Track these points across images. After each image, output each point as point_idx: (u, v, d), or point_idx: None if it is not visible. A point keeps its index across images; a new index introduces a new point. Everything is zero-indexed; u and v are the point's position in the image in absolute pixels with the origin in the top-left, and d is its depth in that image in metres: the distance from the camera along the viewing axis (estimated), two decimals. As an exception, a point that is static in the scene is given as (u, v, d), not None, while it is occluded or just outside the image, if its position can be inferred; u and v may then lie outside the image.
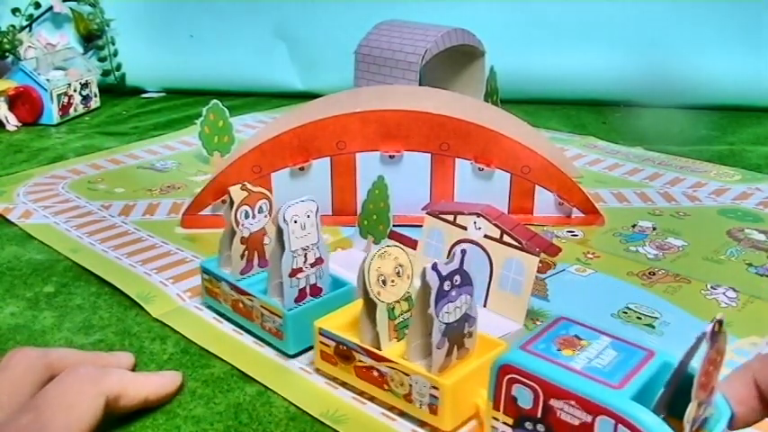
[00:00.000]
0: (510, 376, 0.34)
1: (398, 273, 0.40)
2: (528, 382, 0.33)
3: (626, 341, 0.35)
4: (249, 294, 0.47)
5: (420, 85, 0.91)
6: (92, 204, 0.73)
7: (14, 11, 1.17)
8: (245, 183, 0.49)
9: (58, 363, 0.40)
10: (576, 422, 0.32)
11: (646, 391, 0.32)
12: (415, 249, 0.55)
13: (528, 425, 0.34)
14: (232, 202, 0.48)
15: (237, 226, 0.48)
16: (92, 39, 1.21)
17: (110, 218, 0.70)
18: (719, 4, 1.05)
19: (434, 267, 0.36)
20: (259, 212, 0.49)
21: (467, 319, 0.38)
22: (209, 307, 0.52)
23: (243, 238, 0.49)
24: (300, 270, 0.46)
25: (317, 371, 0.44)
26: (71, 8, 1.20)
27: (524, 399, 0.34)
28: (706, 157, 0.86)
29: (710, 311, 0.52)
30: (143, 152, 0.89)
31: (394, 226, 0.57)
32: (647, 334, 0.50)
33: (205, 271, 0.51)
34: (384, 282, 0.39)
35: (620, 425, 0.31)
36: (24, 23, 1.18)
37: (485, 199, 0.67)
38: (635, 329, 0.50)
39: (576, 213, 0.68)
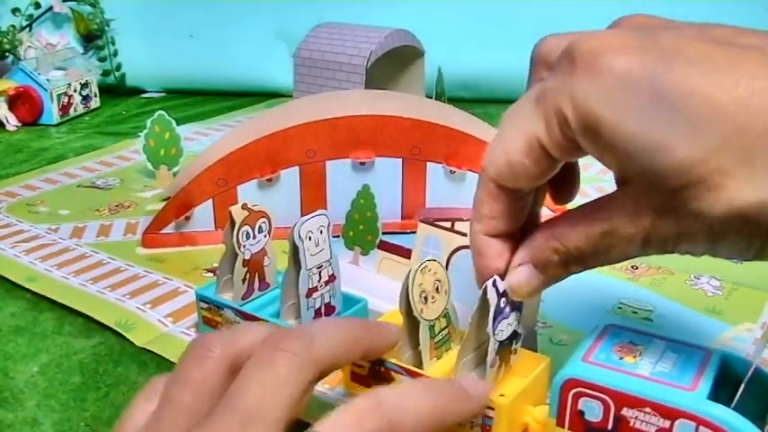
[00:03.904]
0: (576, 390, 0.34)
1: (437, 288, 0.39)
2: (597, 394, 0.33)
3: (680, 342, 0.36)
4: (263, 320, 0.44)
5: (365, 88, 0.90)
6: (37, 228, 0.67)
7: (14, 11, 1.15)
8: (245, 202, 0.46)
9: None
10: (653, 429, 0.32)
11: (714, 390, 0.32)
12: (408, 259, 0.54)
13: (598, 438, 0.34)
14: (234, 223, 0.45)
15: (240, 248, 0.45)
16: (92, 39, 1.19)
17: (61, 241, 0.64)
18: (720, 4, 1.08)
19: (494, 284, 0.35)
20: (259, 232, 0.47)
21: (515, 335, 0.37)
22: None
23: (245, 260, 0.46)
24: (316, 289, 0.44)
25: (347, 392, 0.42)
26: (71, 8, 1.18)
27: (592, 412, 0.33)
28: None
29: (701, 301, 0.54)
30: (79, 170, 0.83)
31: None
32: (646, 329, 0.50)
33: (202, 299, 0.48)
34: (426, 298, 0.38)
35: (701, 426, 0.31)
36: (24, 23, 1.16)
37: (457, 202, 0.67)
38: (636, 325, 0.51)
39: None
